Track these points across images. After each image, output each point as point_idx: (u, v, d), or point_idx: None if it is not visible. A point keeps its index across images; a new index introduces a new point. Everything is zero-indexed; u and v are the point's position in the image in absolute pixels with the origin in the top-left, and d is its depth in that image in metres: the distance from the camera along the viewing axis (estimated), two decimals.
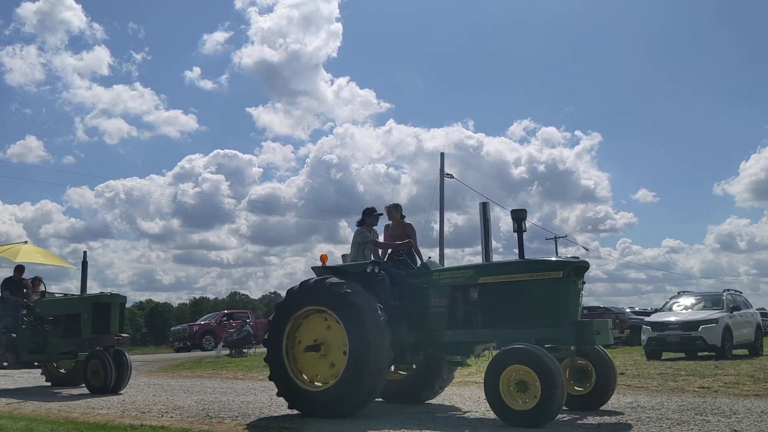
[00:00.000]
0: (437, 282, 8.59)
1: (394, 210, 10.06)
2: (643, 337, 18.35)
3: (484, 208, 9.33)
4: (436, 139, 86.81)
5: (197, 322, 34.79)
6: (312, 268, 9.27)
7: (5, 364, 13.33)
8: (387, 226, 10.09)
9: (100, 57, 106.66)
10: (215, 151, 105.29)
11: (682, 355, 18.16)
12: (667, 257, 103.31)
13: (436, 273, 8.72)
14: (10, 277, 14.23)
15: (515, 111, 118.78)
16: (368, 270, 8.69)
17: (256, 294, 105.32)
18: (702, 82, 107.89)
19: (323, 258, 9.14)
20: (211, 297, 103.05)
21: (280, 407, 9.27)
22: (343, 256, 9.85)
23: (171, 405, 10.00)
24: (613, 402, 8.82)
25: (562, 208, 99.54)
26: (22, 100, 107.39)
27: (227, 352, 25.20)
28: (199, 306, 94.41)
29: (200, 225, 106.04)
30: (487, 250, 9.11)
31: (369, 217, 9.94)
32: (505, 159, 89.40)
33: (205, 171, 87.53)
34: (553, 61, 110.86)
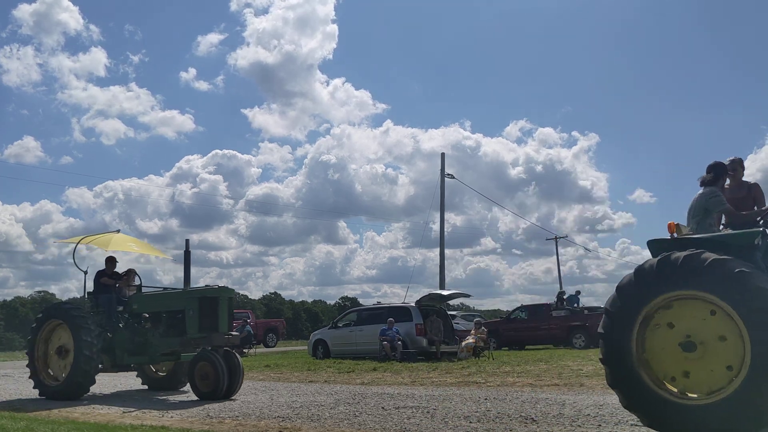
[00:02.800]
0: None
1: (740, 167, 7.78)
2: None
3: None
4: (434, 139, 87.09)
5: None
6: (650, 242, 6.70)
7: (100, 366, 11.64)
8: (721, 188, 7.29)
9: (97, 58, 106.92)
10: (213, 152, 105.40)
11: None
12: None
13: None
14: (102, 270, 12.83)
15: (511, 112, 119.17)
16: (756, 242, 6.26)
17: (255, 294, 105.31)
18: (698, 83, 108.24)
19: (671, 227, 6.64)
20: None
21: (281, 407, 9.27)
22: (677, 225, 6.84)
23: (171, 405, 10.01)
24: (614, 402, 8.81)
25: (560, 208, 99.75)
26: (19, 100, 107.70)
27: None
28: None
29: (199, 225, 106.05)
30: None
31: (722, 176, 7.20)
32: (502, 159, 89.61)
33: (203, 171, 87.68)
34: (549, 62, 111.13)
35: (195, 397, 10.81)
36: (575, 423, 7.24)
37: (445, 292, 24.50)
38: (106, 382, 14.09)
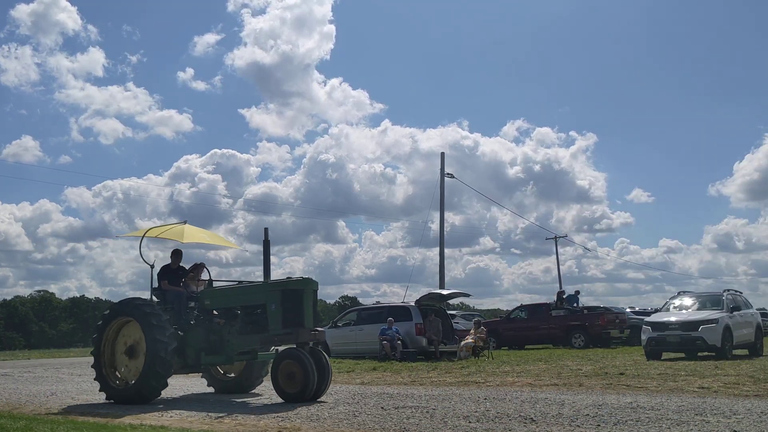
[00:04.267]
0: None
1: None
2: (643, 337, 18.33)
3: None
4: (432, 139, 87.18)
5: None
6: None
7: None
8: None
9: (95, 58, 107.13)
10: (212, 151, 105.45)
11: (682, 355, 18.14)
12: (665, 257, 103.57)
13: None
14: (168, 264, 11.83)
15: (508, 112, 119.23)
16: None
17: None
18: (696, 83, 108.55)
19: None
20: None
21: (281, 407, 9.28)
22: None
23: (171, 405, 10.01)
24: (613, 402, 8.83)
25: (559, 208, 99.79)
26: (18, 100, 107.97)
27: None
28: None
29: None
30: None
31: None
32: (500, 159, 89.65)
33: (201, 171, 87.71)
34: (546, 62, 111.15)
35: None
36: (574, 423, 7.24)
37: (444, 292, 24.49)
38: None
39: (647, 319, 20.20)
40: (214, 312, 11.20)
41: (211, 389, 12.13)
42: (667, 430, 6.53)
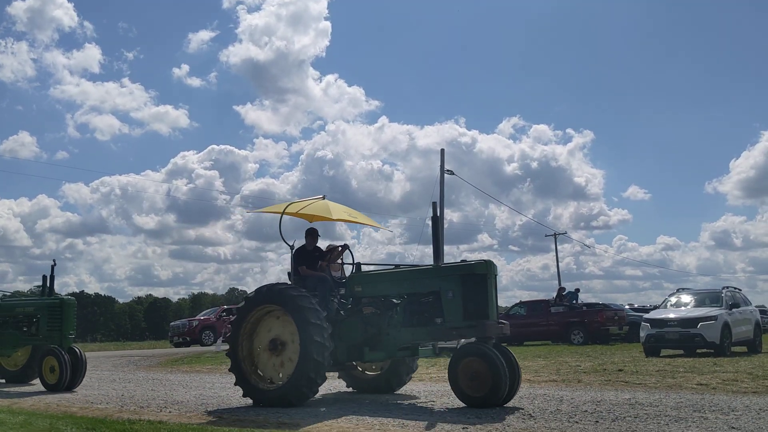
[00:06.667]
0: None
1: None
2: (642, 334, 18.36)
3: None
4: (430, 136, 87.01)
5: (196, 318, 34.76)
6: None
7: None
8: None
9: (91, 55, 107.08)
10: (210, 147, 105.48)
11: (681, 352, 18.17)
12: (662, 254, 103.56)
13: None
14: (303, 245, 10.29)
15: (504, 109, 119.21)
16: None
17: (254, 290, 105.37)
18: (692, 81, 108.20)
19: None
20: (210, 292, 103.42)
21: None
22: None
23: (170, 400, 10.02)
24: (612, 398, 8.84)
25: (556, 204, 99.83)
26: (14, 96, 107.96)
27: (227, 347, 25.16)
28: (199, 301, 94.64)
29: (195, 221, 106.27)
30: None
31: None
32: (498, 156, 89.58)
33: (198, 167, 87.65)
34: (543, 59, 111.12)
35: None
36: (572, 419, 7.25)
37: None
38: None
39: (646, 316, 20.22)
40: (367, 300, 9.78)
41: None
42: (666, 427, 6.54)
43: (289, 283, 9.78)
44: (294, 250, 10.00)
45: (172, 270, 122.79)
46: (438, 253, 9.24)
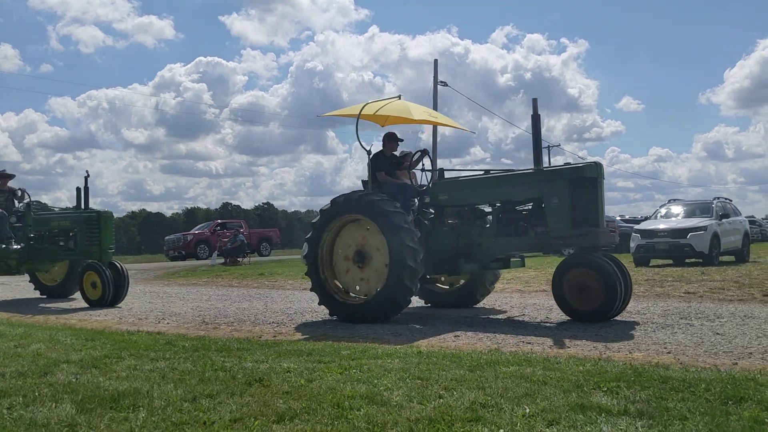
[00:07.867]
0: None
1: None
2: (632, 245, 18.64)
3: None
4: (421, 47, 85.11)
5: (191, 232, 35.02)
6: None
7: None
8: None
9: None
10: (197, 59, 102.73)
11: (670, 261, 18.49)
12: (654, 166, 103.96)
13: None
14: (381, 151, 9.42)
15: (497, 17, 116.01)
16: None
17: (247, 204, 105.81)
18: None
19: None
20: (203, 207, 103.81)
21: (275, 313, 9.46)
22: None
23: (167, 312, 10.18)
24: None
25: (549, 116, 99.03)
26: None
27: (222, 261, 25.51)
28: (193, 216, 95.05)
29: (185, 135, 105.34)
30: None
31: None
32: (491, 67, 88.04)
33: (186, 80, 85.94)
34: None
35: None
36: (562, 326, 7.42)
37: None
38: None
39: (636, 226, 20.45)
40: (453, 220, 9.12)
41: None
42: (653, 333, 6.69)
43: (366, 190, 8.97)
44: (371, 156, 9.16)
45: (164, 185, 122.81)
46: (539, 155, 8.41)
